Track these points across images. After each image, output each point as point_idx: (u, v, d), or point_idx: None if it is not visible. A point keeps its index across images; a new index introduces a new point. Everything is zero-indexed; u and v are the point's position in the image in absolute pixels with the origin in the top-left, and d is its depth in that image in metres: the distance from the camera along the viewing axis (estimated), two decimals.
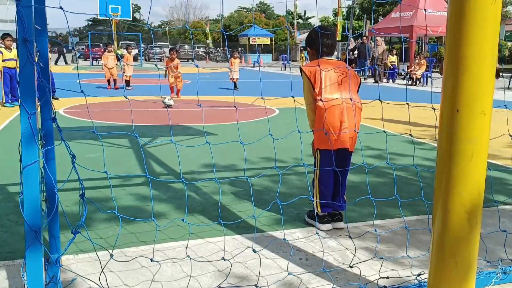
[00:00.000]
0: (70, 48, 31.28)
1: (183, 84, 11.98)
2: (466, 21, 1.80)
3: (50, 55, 11.36)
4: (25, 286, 1.73)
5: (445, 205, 1.94)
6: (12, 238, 2.89)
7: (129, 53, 13.95)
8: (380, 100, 2.52)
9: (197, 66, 2.20)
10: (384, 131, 2.69)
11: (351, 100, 2.92)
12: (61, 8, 1.70)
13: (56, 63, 27.33)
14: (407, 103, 2.70)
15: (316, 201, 3.04)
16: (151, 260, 2.11)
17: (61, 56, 28.71)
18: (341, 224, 3.13)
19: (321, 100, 2.91)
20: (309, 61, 3.19)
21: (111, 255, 1.98)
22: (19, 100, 1.63)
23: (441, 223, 1.96)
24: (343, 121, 2.95)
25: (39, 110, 1.97)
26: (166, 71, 11.58)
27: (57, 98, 10.69)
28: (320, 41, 3.01)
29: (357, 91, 3.09)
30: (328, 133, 2.92)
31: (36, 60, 1.68)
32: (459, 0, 1.81)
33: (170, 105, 9.41)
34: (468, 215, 1.92)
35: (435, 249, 2.00)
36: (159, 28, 51.47)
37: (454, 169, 1.90)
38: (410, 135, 2.66)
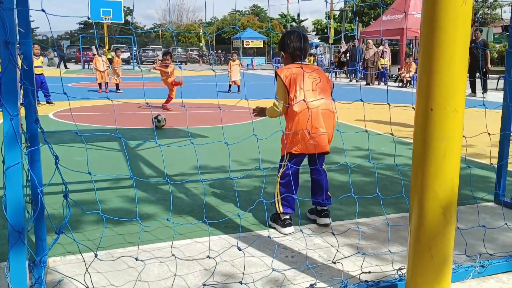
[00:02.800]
0: (54, 51, 31.19)
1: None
2: (438, 22, 1.86)
3: (44, 59, 11.43)
4: (9, 286, 1.76)
5: (420, 201, 2.00)
6: None
7: (118, 56, 13.90)
8: (362, 101, 2.57)
9: (180, 67, 2.24)
10: (366, 131, 2.75)
11: (327, 105, 2.97)
12: (43, 10, 1.74)
13: (58, 66, 27.55)
14: (388, 104, 2.76)
15: (277, 199, 3.04)
16: (136, 259, 2.14)
17: (62, 61, 28.95)
18: (327, 220, 3.17)
19: (296, 104, 2.92)
20: (283, 65, 3.15)
21: (96, 255, 2.02)
22: (1, 102, 1.67)
23: (417, 218, 2.02)
24: (320, 126, 2.97)
25: (24, 112, 2.01)
26: (154, 67, 11.12)
27: (52, 103, 10.69)
28: (294, 45, 3.02)
29: (331, 95, 3.10)
30: (302, 137, 2.94)
31: (19, 63, 1.72)
32: (431, 2, 1.87)
33: (162, 126, 7.48)
34: (443, 210, 1.98)
35: (412, 244, 2.06)
36: (151, 30, 51.37)
37: (428, 167, 1.96)
38: (391, 134, 2.72)
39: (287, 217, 3.09)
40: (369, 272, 2.43)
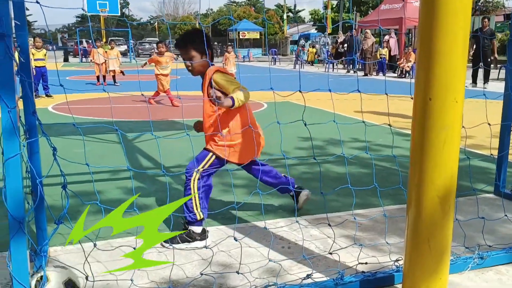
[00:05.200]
0: (50, 43, 31.23)
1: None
2: (437, 10, 1.84)
3: (47, 52, 11.39)
4: (11, 275, 1.78)
5: (418, 192, 2.01)
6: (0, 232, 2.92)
7: (112, 48, 13.88)
8: (359, 91, 2.58)
9: (176, 59, 2.24)
10: (363, 122, 2.75)
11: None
12: (37, 2, 1.73)
13: (66, 60, 27.90)
14: (386, 94, 2.75)
15: (196, 205, 2.73)
16: (134, 248, 2.15)
17: (65, 53, 29.23)
18: (305, 193, 3.19)
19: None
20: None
21: (95, 245, 2.03)
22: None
23: (415, 209, 2.04)
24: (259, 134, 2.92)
25: (22, 105, 2.01)
26: (145, 63, 10.58)
27: (51, 96, 10.68)
28: (208, 44, 2.74)
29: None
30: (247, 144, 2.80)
31: (16, 55, 1.72)
32: None
33: None
34: (442, 201, 1.99)
35: (410, 235, 2.07)
36: (148, 22, 51.09)
37: (427, 156, 1.96)
38: (389, 125, 2.73)
39: (203, 226, 2.79)
40: (366, 263, 2.46)
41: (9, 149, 1.68)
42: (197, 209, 2.72)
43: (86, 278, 1.99)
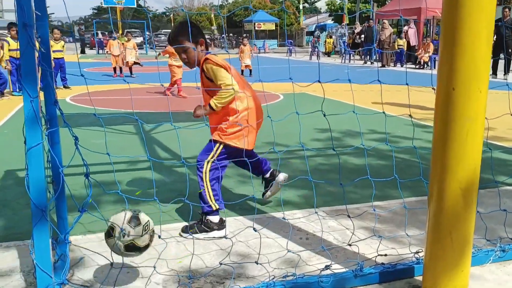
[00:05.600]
0: (72, 35, 31.66)
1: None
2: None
3: (66, 44, 11.53)
4: (34, 262, 1.81)
5: (441, 184, 1.97)
6: (22, 221, 2.98)
7: (128, 40, 13.97)
8: (379, 82, 2.53)
9: (194, 49, 2.23)
10: (384, 112, 2.71)
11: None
12: None
13: (83, 52, 28.26)
14: (407, 84, 2.70)
15: (210, 196, 2.73)
16: (159, 237, 2.17)
17: (82, 45, 29.65)
18: (282, 175, 3.10)
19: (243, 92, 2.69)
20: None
21: (121, 229, 2.05)
22: (21, 84, 1.68)
23: (437, 201, 2.00)
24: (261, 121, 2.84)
25: (42, 96, 2.03)
26: (159, 54, 10.61)
27: (68, 87, 10.81)
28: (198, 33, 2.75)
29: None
30: (249, 130, 2.74)
31: (37, 46, 1.73)
32: None
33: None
34: (464, 193, 1.95)
35: (431, 227, 2.04)
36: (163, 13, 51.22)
37: (449, 148, 1.92)
38: (410, 115, 2.68)
39: (219, 216, 2.78)
40: (385, 255, 2.43)
41: (31, 138, 1.70)
42: (211, 200, 2.72)
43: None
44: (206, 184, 2.71)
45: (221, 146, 2.76)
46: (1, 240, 2.68)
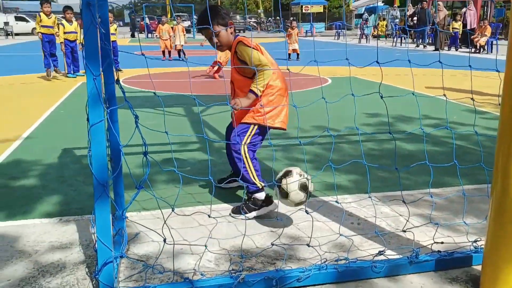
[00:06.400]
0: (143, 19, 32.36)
1: None
2: None
3: (117, 27, 11.87)
4: (94, 235, 1.88)
5: (506, 170, 1.87)
6: (80, 196, 3.12)
7: (177, 24, 14.15)
8: (440, 62, 2.42)
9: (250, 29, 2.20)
10: (444, 95, 2.59)
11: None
12: None
13: (132, 35, 29.02)
14: (470, 66, 2.55)
15: (253, 175, 2.73)
16: (209, 216, 2.21)
17: (134, 29, 30.52)
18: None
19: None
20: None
21: (173, 209, 2.10)
22: (84, 62, 1.73)
23: (501, 188, 1.90)
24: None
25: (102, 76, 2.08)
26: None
27: (120, 70, 11.15)
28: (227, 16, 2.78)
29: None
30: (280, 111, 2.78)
31: (98, 24, 1.77)
32: None
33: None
34: None
35: (494, 215, 1.94)
36: None
37: None
38: (472, 98, 2.54)
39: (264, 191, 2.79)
40: (442, 243, 2.35)
41: (94, 115, 1.75)
42: (254, 178, 2.74)
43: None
44: (248, 165, 2.72)
45: (255, 127, 2.78)
46: (61, 214, 2.82)
